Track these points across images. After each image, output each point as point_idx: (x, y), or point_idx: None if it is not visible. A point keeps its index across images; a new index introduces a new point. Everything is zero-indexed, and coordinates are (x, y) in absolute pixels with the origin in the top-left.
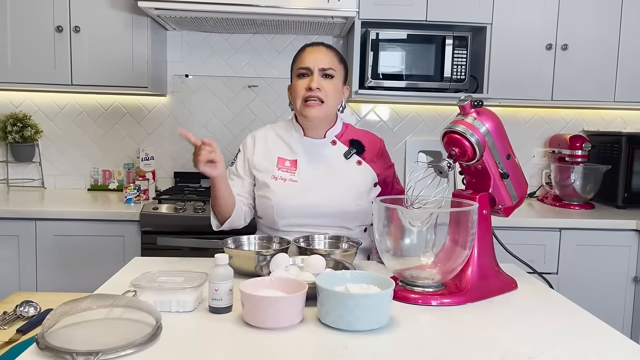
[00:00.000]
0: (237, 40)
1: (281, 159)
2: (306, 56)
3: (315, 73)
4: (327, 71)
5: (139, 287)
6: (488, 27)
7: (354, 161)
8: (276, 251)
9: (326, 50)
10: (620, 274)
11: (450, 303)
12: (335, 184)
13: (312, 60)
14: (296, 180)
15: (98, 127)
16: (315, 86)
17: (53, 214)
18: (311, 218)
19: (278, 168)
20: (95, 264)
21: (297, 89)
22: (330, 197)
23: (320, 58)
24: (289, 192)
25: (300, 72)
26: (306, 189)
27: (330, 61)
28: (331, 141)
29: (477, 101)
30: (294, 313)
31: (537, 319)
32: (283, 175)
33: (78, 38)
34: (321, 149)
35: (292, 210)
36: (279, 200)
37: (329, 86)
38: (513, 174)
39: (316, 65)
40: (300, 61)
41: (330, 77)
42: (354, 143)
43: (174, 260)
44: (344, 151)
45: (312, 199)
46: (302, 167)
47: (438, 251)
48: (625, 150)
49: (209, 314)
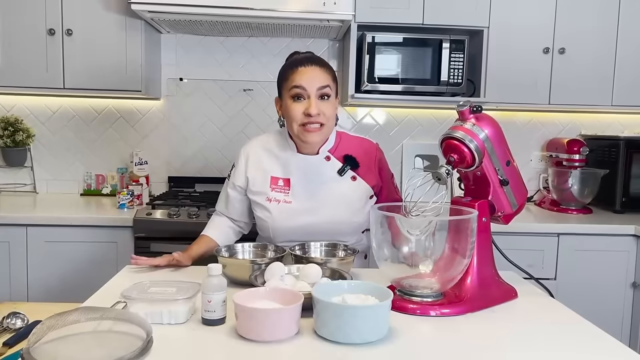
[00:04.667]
0: (232, 44)
1: (274, 178)
2: (300, 77)
3: (312, 97)
4: (324, 90)
5: (129, 298)
6: (485, 31)
7: (348, 177)
8: (271, 260)
9: (320, 70)
10: (619, 280)
11: (450, 313)
12: (330, 203)
13: (308, 81)
14: (290, 200)
15: (91, 131)
16: (315, 112)
17: (44, 219)
18: (307, 236)
19: (272, 188)
20: (88, 271)
21: (293, 113)
22: (326, 216)
23: (316, 80)
24: (284, 214)
25: (294, 92)
26: (301, 210)
27: (325, 79)
28: (325, 157)
29: (476, 107)
30: (290, 325)
31: (539, 329)
32: (277, 197)
33: (70, 41)
34: (315, 166)
35: (289, 232)
36: (275, 224)
37: (327, 108)
38: (513, 180)
39: (313, 88)
40: (292, 80)
41: (327, 96)
42: (348, 159)
43: (167, 268)
44: (337, 168)
45: (307, 220)
46: (295, 186)
47: (437, 260)
48: (623, 155)
49: (202, 326)
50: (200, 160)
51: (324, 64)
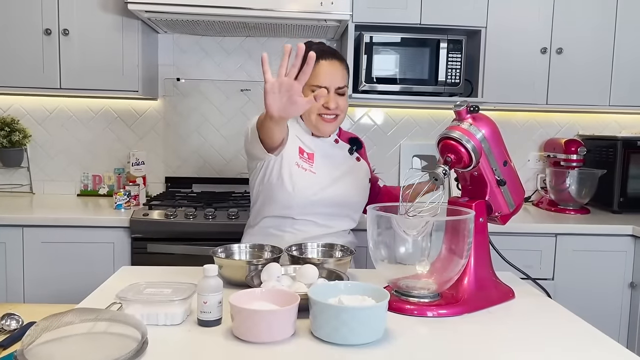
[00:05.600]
0: (229, 44)
1: (302, 149)
2: (322, 73)
3: (332, 92)
4: (342, 89)
5: (124, 299)
6: (482, 31)
7: (354, 157)
8: (267, 260)
9: (340, 67)
10: (616, 280)
11: (447, 314)
12: (344, 179)
13: (329, 79)
14: (315, 172)
15: (88, 131)
16: (333, 107)
17: (41, 220)
18: (325, 207)
19: (300, 157)
20: (85, 272)
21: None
22: (343, 191)
23: (336, 77)
24: (308, 183)
25: (314, 88)
26: (324, 183)
27: (344, 77)
28: (334, 140)
29: (474, 107)
30: (286, 326)
31: (537, 330)
32: (304, 165)
33: (67, 41)
34: (330, 146)
35: (310, 201)
36: (299, 189)
37: (342, 102)
38: (510, 180)
39: (333, 85)
40: (314, 76)
41: (343, 94)
42: (353, 141)
43: (163, 269)
44: (346, 148)
45: (329, 192)
46: (318, 161)
47: (434, 260)
48: (620, 155)
49: (198, 327)
50: (197, 160)
51: (343, 59)
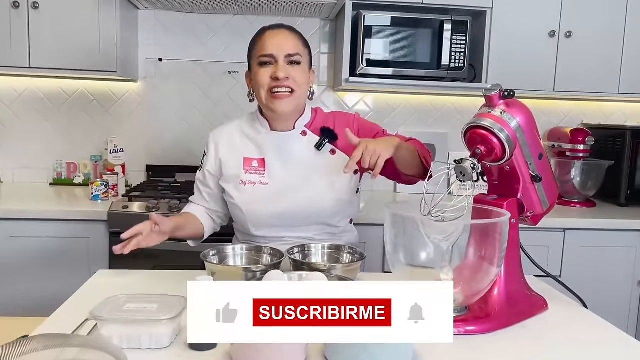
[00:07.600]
0: (216, 22)
1: (247, 160)
2: (268, 42)
3: (280, 61)
4: (294, 57)
5: (100, 318)
6: (488, 12)
7: (326, 151)
8: (267, 267)
9: (290, 34)
10: (625, 277)
11: (476, 331)
12: (310, 181)
13: (276, 46)
14: (267, 182)
15: (62, 115)
16: (282, 75)
17: (10, 212)
18: (288, 225)
19: (245, 170)
20: (58, 269)
21: (261, 78)
22: (306, 198)
23: (284, 43)
24: (261, 197)
25: (262, 60)
26: (279, 192)
27: (296, 45)
28: (301, 132)
29: (508, 91)
30: (295, 352)
31: (578, 347)
32: (252, 179)
33: (37, 15)
34: (291, 143)
35: (266, 218)
36: (250, 209)
37: (297, 73)
38: (545, 176)
39: (281, 52)
40: (261, 47)
41: (297, 63)
42: (325, 132)
43: (147, 273)
44: (315, 142)
45: (286, 204)
46: (271, 166)
47: (456, 266)
48: (629, 145)
49: (189, 351)
50: (181, 147)
51: (294, 30)
